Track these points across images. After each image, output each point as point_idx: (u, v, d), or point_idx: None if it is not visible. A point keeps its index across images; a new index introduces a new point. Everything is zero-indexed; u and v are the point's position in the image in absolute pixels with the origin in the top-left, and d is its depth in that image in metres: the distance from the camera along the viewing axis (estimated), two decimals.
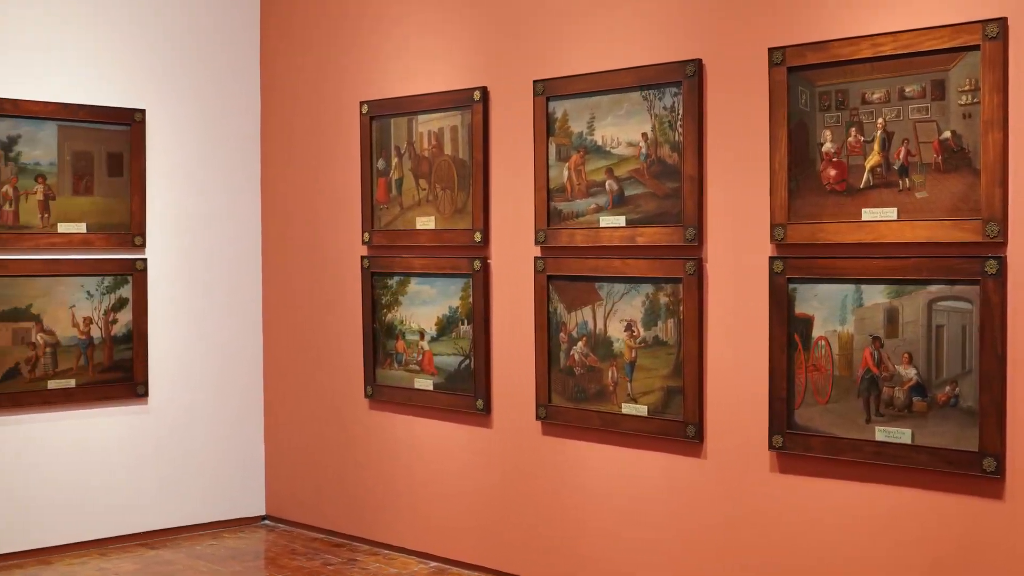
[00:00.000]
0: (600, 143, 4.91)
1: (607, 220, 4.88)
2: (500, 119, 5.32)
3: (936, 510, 3.98)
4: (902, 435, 4.02)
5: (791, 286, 4.30)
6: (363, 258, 5.94)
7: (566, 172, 5.03)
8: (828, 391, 4.23)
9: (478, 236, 5.37)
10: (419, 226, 5.65)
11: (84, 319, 5.98)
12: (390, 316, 5.83)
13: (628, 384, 4.83)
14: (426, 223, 5.62)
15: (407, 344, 5.75)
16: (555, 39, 5.11)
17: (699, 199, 4.58)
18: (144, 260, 6.14)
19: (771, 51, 4.32)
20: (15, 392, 5.78)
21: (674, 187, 4.66)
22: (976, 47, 3.83)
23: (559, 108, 5.05)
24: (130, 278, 6.10)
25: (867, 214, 4.09)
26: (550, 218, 5.09)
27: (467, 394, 5.47)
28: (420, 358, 5.69)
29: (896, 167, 4.04)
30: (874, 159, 4.09)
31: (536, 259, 5.15)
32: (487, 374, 5.39)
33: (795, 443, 4.30)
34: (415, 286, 5.71)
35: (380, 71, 5.89)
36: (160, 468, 6.23)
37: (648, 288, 4.75)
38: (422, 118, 5.63)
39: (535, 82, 5.12)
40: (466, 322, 5.47)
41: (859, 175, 4.13)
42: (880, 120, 4.07)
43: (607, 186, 4.89)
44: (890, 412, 4.06)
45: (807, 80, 4.24)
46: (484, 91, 5.36)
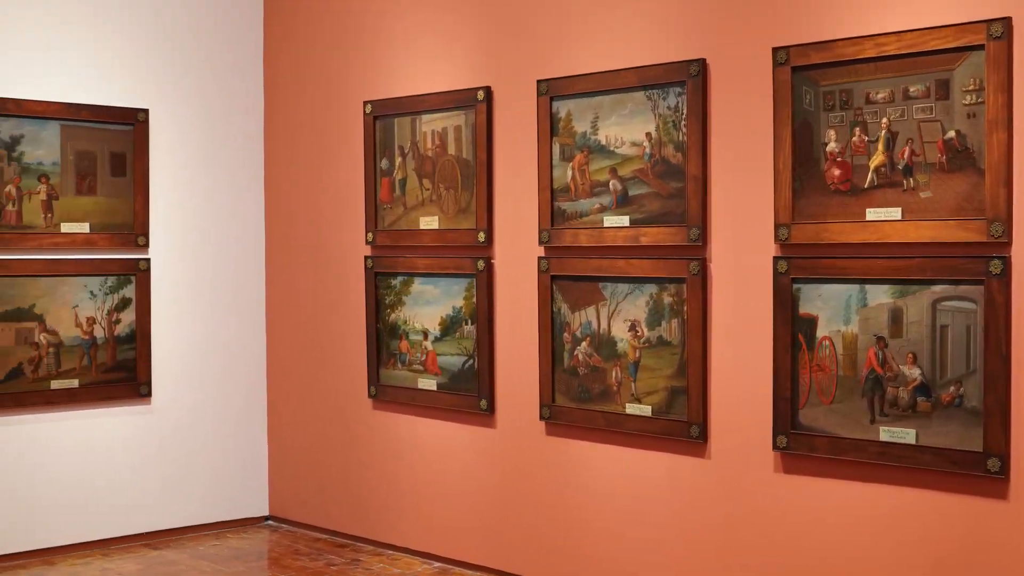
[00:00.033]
0: (604, 143, 4.90)
1: (611, 220, 4.87)
2: (504, 119, 5.31)
3: (940, 510, 3.98)
4: (906, 435, 4.02)
5: (795, 286, 4.29)
6: (367, 258, 5.94)
7: (570, 172, 5.03)
8: (832, 391, 4.22)
9: (482, 236, 5.37)
10: (423, 226, 5.64)
11: (87, 319, 5.97)
12: (394, 316, 5.82)
13: (632, 384, 4.82)
14: (430, 223, 5.61)
15: (411, 344, 5.74)
16: (559, 39, 5.11)
17: (703, 199, 4.58)
18: (147, 260, 6.14)
19: (775, 51, 4.32)
20: (18, 392, 5.78)
21: (678, 187, 4.65)
22: (980, 47, 3.82)
23: (563, 108, 5.04)
24: (133, 278, 6.10)
25: (871, 214, 4.09)
26: (554, 218, 5.08)
27: (471, 394, 5.46)
28: (424, 358, 5.68)
29: (900, 167, 4.03)
30: (878, 159, 4.08)
31: (540, 259, 5.15)
32: (491, 374, 5.38)
33: (799, 443, 4.29)
34: (419, 286, 5.71)
35: (384, 71, 5.89)
36: (163, 468, 6.23)
37: (652, 288, 4.75)
38: (426, 118, 5.63)
39: (539, 82, 5.12)
40: (470, 322, 5.47)
41: (863, 175, 4.12)
42: (884, 120, 4.06)
43: (611, 186, 4.88)
44: (894, 412, 4.06)
45: (811, 80, 4.23)
46: (488, 91, 5.36)
